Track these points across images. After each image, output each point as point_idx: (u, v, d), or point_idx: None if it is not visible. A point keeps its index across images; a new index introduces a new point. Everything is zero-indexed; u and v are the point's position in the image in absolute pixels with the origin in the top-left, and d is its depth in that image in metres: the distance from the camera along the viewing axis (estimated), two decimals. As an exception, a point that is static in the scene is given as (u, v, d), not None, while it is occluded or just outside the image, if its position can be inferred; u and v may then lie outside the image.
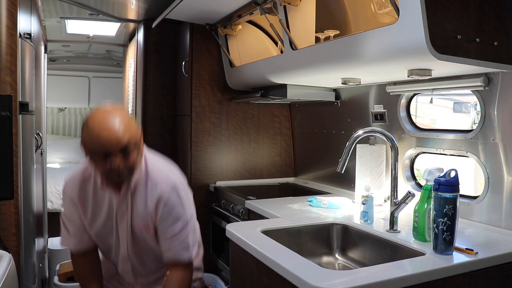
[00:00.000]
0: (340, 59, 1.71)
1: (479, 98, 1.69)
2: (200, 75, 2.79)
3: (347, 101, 2.44)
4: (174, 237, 1.49)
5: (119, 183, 1.44)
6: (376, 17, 1.78)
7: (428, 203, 1.48)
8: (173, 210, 1.47)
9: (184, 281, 1.53)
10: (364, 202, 1.76)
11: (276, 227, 1.70)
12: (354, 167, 2.19)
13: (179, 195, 1.49)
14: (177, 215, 1.48)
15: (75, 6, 2.92)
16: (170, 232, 1.48)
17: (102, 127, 1.30)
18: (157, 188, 1.47)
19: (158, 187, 1.47)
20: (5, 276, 1.33)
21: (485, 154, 1.68)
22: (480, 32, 1.44)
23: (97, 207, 1.52)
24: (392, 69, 1.66)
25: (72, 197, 1.52)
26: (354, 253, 1.74)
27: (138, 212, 1.49)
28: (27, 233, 2.08)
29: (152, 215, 1.48)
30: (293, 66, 2.02)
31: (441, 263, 1.29)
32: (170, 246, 1.50)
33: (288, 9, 2.00)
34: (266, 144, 2.98)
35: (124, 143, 1.31)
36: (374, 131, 1.71)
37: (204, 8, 2.38)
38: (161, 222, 1.48)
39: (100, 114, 1.35)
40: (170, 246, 1.50)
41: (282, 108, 3.02)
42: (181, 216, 1.49)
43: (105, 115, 1.34)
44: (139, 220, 1.50)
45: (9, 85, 1.76)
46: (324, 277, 1.19)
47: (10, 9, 1.75)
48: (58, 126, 6.52)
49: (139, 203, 1.49)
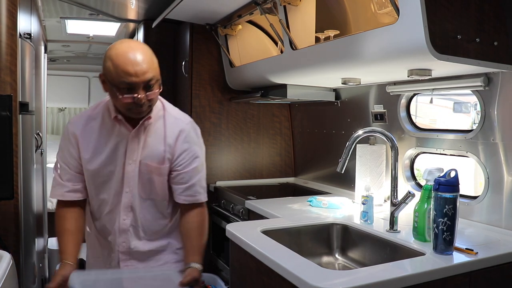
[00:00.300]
0: (340, 59, 1.71)
1: (479, 98, 1.69)
2: (200, 75, 2.79)
3: (347, 101, 2.44)
4: (193, 173, 1.47)
5: (138, 117, 1.40)
6: (376, 17, 1.78)
7: (428, 203, 1.48)
8: (192, 146, 1.48)
9: (205, 221, 1.51)
10: (364, 202, 1.76)
11: (276, 227, 1.69)
12: (354, 167, 2.19)
13: (196, 133, 1.51)
14: (195, 153, 1.48)
15: (75, 6, 2.92)
16: (189, 167, 1.47)
17: (128, 60, 1.29)
18: (177, 122, 1.48)
19: (178, 121, 1.48)
20: (5, 276, 1.33)
21: (485, 154, 1.68)
22: (480, 32, 1.44)
23: (100, 144, 1.44)
24: (392, 69, 1.66)
25: (75, 132, 1.45)
26: (354, 253, 1.74)
27: (152, 148, 1.45)
28: (27, 233, 2.08)
29: (171, 147, 1.45)
30: (293, 66, 2.02)
31: (441, 263, 1.29)
32: (188, 183, 1.47)
33: (288, 9, 2.00)
34: (266, 144, 2.98)
35: (148, 77, 1.31)
36: (374, 131, 1.71)
37: (204, 8, 2.38)
38: (179, 156, 1.46)
39: (125, 47, 1.32)
40: (188, 183, 1.47)
41: (282, 108, 3.02)
42: (199, 155, 1.50)
43: (130, 49, 1.32)
44: (152, 156, 1.45)
45: (9, 85, 1.76)
46: (324, 277, 1.19)
47: (10, 9, 1.76)
48: (58, 126, 6.53)
49: (155, 138, 1.45)
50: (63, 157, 1.47)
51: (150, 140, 1.45)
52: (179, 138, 1.46)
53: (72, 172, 1.46)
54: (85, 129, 1.45)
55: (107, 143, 1.44)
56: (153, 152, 1.45)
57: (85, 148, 1.44)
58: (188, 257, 1.46)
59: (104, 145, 1.44)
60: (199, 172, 1.49)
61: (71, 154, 1.46)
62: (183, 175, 1.47)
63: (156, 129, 1.46)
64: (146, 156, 1.44)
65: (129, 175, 1.45)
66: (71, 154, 1.46)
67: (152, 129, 1.45)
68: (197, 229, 1.49)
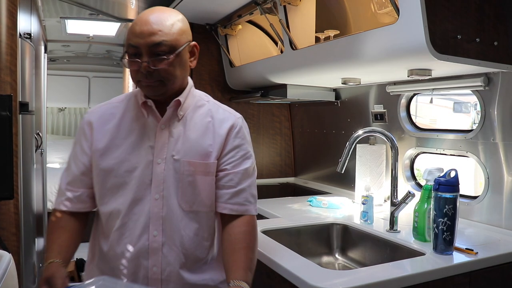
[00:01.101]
0: (340, 59, 1.71)
1: (479, 98, 1.69)
2: (200, 75, 2.79)
3: (347, 101, 2.44)
4: (244, 175, 1.19)
5: (153, 95, 1.14)
6: (376, 17, 1.78)
7: (428, 203, 1.48)
8: (245, 144, 1.21)
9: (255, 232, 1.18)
10: (364, 202, 1.76)
11: (276, 227, 1.69)
12: (354, 167, 2.19)
13: (248, 132, 1.25)
14: (248, 152, 1.22)
15: (75, 6, 2.92)
16: (240, 167, 1.18)
17: (139, 20, 1.10)
18: (227, 115, 1.22)
19: (229, 114, 1.23)
20: (5, 276, 1.33)
21: (485, 154, 1.68)
22: (480, 32, 1.44)
23: (120, 135, 1.16)
24: (392, 69, 1.66)
25: (90, 119, 1.18)
26: (354, 253, 1.74)
27: (194, 142, 1.16)
28: (27, 233, 2.08)
29: (220, 141, 1.17)
30: (293, 66, 2.02)
31: (441, 263, 1.29)
32: (237, 186, 1.17)
33: (288, 9, 1.99)
34: (266, 144, 2.98)
35: (155, 40, 1.07)
36: (374, 131, 1.71)
37: (204, 8, 2.38)
38: (230, 152, 1.18)
39: (149, 9, 1.15)
40: (237, 186, 1.17)
41: (282, 108, 3.02)
42: (251, 156, 1.23)
43: (151, 10, 1.14)
44: (194, 152, 1.15)
45: (9, 85, 1.76)
46: (324, 277, 1.19)
47: (10, 9, 1.76)
48: (58, 126, 6.53)
49: (197, 129, 1.17)
50: (72, 155, 1.21)
51: (190, 133, 1.16)
52: (231, 133, 1.19)
53: (76, 173, 1.18)
54: (103, 116, 1.19)
55: (129, 135, 1.16)
56: (196, 147, 1.15)
57: (99, 137, 1.16)
58: (230, 273, 1.09)
59: (125, 137, 1.15)
60: (250, 176, 1.21)
61: (82, 149, 1.18)
62: (232, 176, 1.18)
63: (199, 120, 1.19)
64: (187, 152, 1.14)
65: (159, 177, 1.13)
66: (82, 149, 1.18)
67: (193, 119, 1.18)
68: (243, 240, 1.14)
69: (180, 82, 1.16)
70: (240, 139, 1.20)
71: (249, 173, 1.20)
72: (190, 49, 1.17)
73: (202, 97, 1.25)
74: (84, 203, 1.18)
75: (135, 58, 1.09)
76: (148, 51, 1.07)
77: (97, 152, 1.15)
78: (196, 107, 1.20)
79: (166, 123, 1.16)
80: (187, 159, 1.14)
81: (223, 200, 1.17)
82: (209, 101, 1.24)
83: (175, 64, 1.11)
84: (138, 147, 1.15)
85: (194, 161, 1.14)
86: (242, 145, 1.20)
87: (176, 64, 1.11)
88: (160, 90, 1.12)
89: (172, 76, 1.11)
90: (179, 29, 1.13)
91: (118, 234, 1.13)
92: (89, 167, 1.17)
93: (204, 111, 1.20)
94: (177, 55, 1.11)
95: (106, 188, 1.15)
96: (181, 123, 1.17)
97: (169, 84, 1.11)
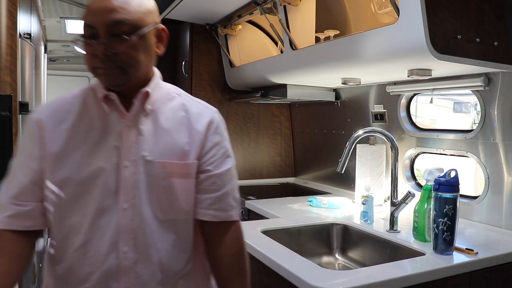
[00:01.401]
0: (340, 59, 1.71)
1: (479, 98, 1.69)
2: (200, 75, 2.79)
3: (347, 101, 2.44)
4: (227, 176, 1.04)
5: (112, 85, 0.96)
6: (376, 17, 1.78)
7: (428, 203, 1.48)
8: (224, 141, 1.07)
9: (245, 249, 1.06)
10: (364, 202, 1.76)
11: (276, 227, 1.69)
12: (354, 167, 2.19)
13: (225, 128, 1.11)
14: (228, 150, 1.08)
15: (75, 6, 2.92)
16: (222, 168, 1.04)
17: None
18: (204, 108, 1.08)
19: (204, 107, 1.08)
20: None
21: (485, 154, 1.68)
22: (480, 32, 1.44)
23: (77, 137, 0.97)
24: (392, 69, 1.66)
25: (40, 118, 0.98)
26: (354, 253, 1.74)
27: (168, 139, 1.00)
28: (27, 233, 2.07)
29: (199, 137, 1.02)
30: (293, 66, 2.02)
31: (441, 263, 1.29)
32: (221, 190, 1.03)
33: (288, 9, 1.99)
34: (266, 144, 2.98)
35: (114, 18, 0.90)
36: (374, 131, 1.71)
37: (204, 8, 2.38)
38: (211, 150, 1.03)
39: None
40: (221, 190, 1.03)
41: (282, 108, 3.02)
42: (232, 155, 1.08)
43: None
44: (169, 151, 0.99)
45: (9, 85, 1.76)
46: (324, 277, 1.19)
47: (10, 9, 1.76)
48: (58, 126, 6.53)
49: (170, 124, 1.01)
50: (18, 162, 1.00)
51: (162, 130, 1.00)
52: (210, 128, 1.04)
53: (24, 183, 0.96)
54: (56, 114, 0.99)
55: (88, 135, 0.96)
56: (170, 146, 0.99)
57: (53, 139, 0.96)
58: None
59: (84, 138, 0.96)
60: (232, 177, 1.07)
61: (30, 154, 0.97)
62: (215, 179, 1.03)
63: (171, 114, 1.03)
64: (161, 152, 0.98)
65: (128, 183, 0.95)
66: (30, 154, 0.97)
67: (164, 113, 1.02)
68: (235, 265, 1.03)
69: (145, 71, 0.99)
70: (220, 136, 1.07)
71: (231, 174, 1.07)
72: (157, 33, 1.00)
73: (172, 89, 1.09)
74: (34, 220, 0.96)
75: (91, 40, 0.91)
76: (106, 31, 0.90)
77: (50, 157, 0.95)
78: (166, 100, 1.04)
79: (133, 119, 0.98)
80: (161, 160, 0.97)
81: (204, 206, 1.02)
82: (181, 94, 1.08)
83: (138, 47, 0.94)
84: (100, 148, 0.96)
85: (170, 162, 0.98)
86: (222, 142, 1.06)
87: (139, 48, 0.94)
88: (121, 79, 0.94)
89: (134, 61, 0.94)
90: (144, 8, 0.96)
91: (79, 253, 0.94)
92: (41, 175, 0.96)
93: (176, 105, 1.04)
94: (141, 37, 0.94)
95: (63, 199, 0.94)
96: (151, 119, 1.00)
97: (131, 71, 0.94)
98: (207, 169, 1.02)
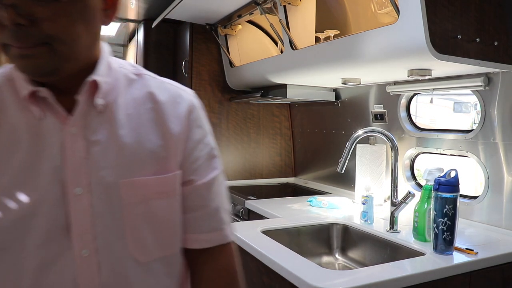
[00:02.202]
0: (340, 59, 1.71)
1: (479, 98, 1.69)
2: (200, 75, 2.79)
3: (347, 101, 2.44)
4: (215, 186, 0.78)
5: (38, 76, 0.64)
6: (376, 17, 1.78)
7: (428, 203, 1.48)
8: (207, 135, 0.79)
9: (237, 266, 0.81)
10: (364, 202, 1.76)
11: (276, 227, 1.69)
12: (354, 167, 2.19)
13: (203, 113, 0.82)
14: (213, 148, 0.80)
15: (75, 6, 2.91)
16: (210, 175, 0.77)
17: None
18: (177, 91, 0.78)
19: (178, 90, 0.79)
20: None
21: (485, 154, 1.68)
22: (480, 32, 1.44)
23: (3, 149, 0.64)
24: (392, 69, 1.66)
25: None
26: (354, 253, 1.74)
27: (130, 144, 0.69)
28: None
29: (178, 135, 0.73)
30: (293, 66, 2.02)
31: (441, 263, 1.29)
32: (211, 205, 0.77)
33: (288, 9, 1.99)
34: (266, 144, 2.98)
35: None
36: (374, 131, 1.71)
37: (204, 8, 2.38)
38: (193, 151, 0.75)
39: None
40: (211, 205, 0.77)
41: (282, 108, 3.02)
42: (216, 152, 0.81)
43: None
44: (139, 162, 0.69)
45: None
46: (324, 277, 1.19)
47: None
48: (58, 126, 6.51)
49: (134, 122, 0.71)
50: None
51: (125, 133, 0.69)
52: (190, 121, 0.76)
53: None
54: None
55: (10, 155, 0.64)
56: (139, 154, 0.69)
57: None
58: None
59: (5, 159, 0.64)
60: (222, 184, 0.81)
61: None
62: (202, 191, 0.76)
63: (134, 107, 0.72)
64: (127, 166, 0.68)
65: (83, 220, 0.65)
66: None
67: (124, 108, 0.71)
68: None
69: (87, 49, 0.66)
70: (201, 130, 0.78)
71: (221, 180, 0.80)
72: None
73: (128, 68, 0.76)
74: None
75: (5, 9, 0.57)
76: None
77: None
78: (124, 88, 0.73)
79: (79, 123, 0.66)
80: (129, 179, 0.68)
81: (193, 229, 0.76)
82: (142, 75, 0.77)
83: (73, 13, 0.61)
84: (32, 173, 0.63)
85: (143, 178, 0.69)
86: (205, 138, 0.78)
87: (74, 14, 0.61)
88: (49, 64, 0.61)
89: (68, 34, 0.61)
90: None
91: None
92: None
93: (140, 93, 0.73)
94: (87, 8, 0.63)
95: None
96: (105, 119, 0.68)
97: (64, 50, 0.61)
98: (191, 180, 0.75)
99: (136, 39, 3.41)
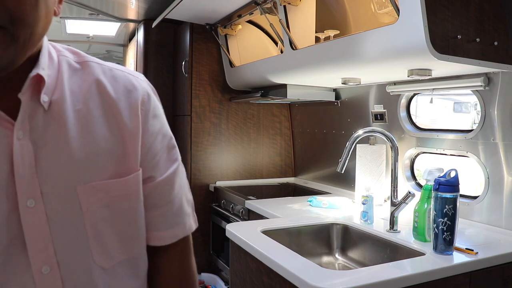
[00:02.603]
0: (340, 59, 1.70)
1: (479, 98, 1.69)
2: (200, 75, 2.79)
3: (347, 101, 2.44)
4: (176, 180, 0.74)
5: None
6: (376, 17, 1.78)
7: (428, 203, 1.48)
8: (164, 123, 0.74)
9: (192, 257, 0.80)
10: (364, 202, 1.76)
11: (276, 227, 1.69)
12: (354, 167, 2.19)
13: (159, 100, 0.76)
14: (171, 138, 0.76)
15: (75, 6, 2.92)
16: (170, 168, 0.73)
17: None
18: (129, 78, 0.71)
19: (128, 76, 0.71)
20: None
21: (485, 154, 1.68)
22: (480, 32, 1.44)
23: None
24: (392, 69, 1.66)
25: None
26: (354, 253, 1.74)
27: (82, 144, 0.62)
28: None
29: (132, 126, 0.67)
30: (293, 66, 2.02)
31: (441, 263, 1.29)
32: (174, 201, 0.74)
33: (288, 9, 1.99)
34: (266, 144, 2.98)
35: None
36: (374, 131, 1.71)
37: (204, 8, 2.38)
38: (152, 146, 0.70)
39: None
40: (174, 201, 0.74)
41: (282, 108, 3.02)
42: (174, 142, 0.77)
43: None
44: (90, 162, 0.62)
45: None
46: (324, 277, 1.19)
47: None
48: (58, 126, 6.52)
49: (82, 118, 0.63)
50: None
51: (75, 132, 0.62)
52: (144, 111, 0.69)
53: None
54: None
55: None
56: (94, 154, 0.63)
57: None
58: None
59: None
60: (181, 175, 0.77)
61: None
62: (164, 187, 0.73)
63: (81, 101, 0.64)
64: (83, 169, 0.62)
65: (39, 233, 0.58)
66: None
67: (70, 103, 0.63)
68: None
69: (41, 37, 0.59)
70: (158, 119, 0.72)
71: (181, 172, 0.76)
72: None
73: (68, 56, 0.68)
74: None
75: None
76: None
77: None
78: (68, 79, 0.64)
79: (25, 126, 0.58)
80: (88, 183, 0.62)
81: (156, 227, 0.73)
82: (86, 62, 0.68)
83: None
84: None
85: (103, 182, 0.63)
86: (162, 128, 0.73)
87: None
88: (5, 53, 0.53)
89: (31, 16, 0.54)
90: None
91: None
92: None
93: (86, 84, 0.65)
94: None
95: None
96: (53, 118, 0.61)
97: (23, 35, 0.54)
98: (151, 177, 0.70)
99: (136, 39, 3.41)
